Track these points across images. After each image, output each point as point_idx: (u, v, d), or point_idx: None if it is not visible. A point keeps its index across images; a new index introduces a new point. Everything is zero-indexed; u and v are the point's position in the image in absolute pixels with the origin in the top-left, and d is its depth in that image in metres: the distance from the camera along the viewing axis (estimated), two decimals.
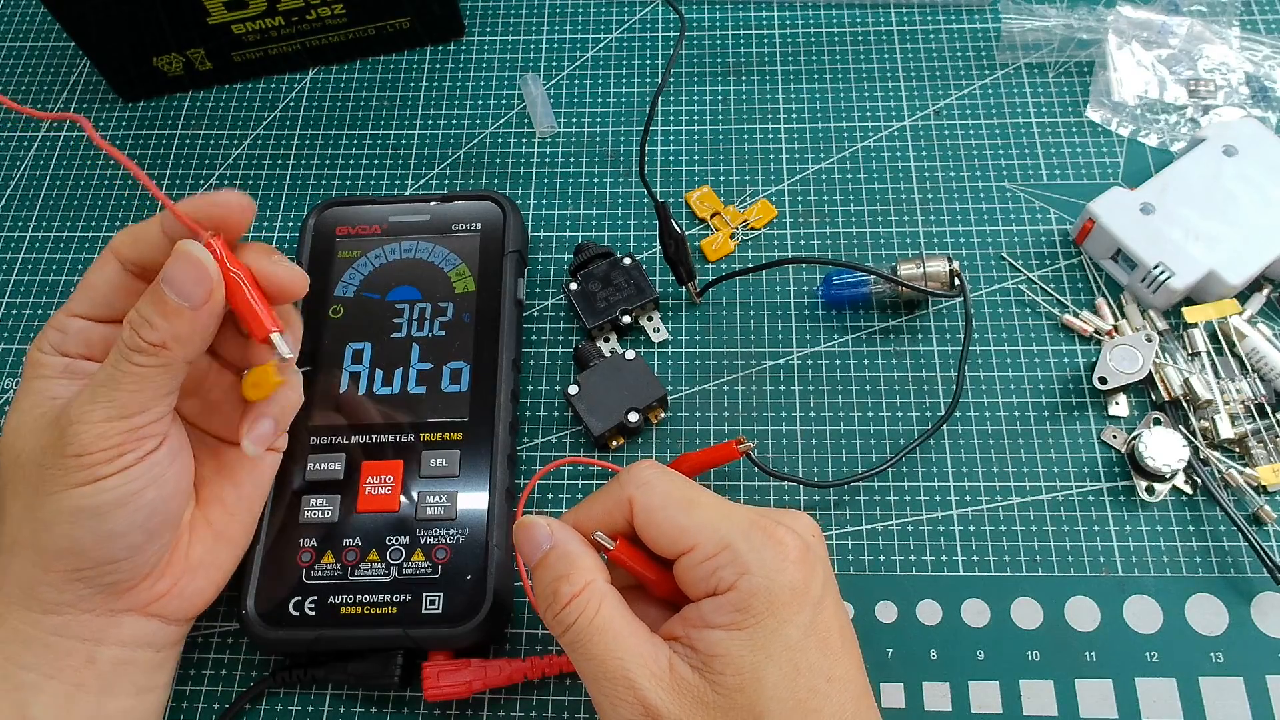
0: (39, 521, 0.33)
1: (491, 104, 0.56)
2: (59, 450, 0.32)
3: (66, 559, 0.33)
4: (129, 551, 0.34)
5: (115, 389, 0.32)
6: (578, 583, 0.30)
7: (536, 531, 0.31)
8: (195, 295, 0.32)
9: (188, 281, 0.32)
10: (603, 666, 0.29)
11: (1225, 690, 0.39)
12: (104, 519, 0.33)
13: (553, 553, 0.31)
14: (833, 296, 0.47)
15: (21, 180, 0.55)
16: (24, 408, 0.34)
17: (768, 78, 0.55)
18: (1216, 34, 0.52)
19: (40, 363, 0.35)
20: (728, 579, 0.29)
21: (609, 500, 0.32)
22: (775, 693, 0.28)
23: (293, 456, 0.42)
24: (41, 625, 0.34)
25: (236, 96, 0.57)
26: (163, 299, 0.32)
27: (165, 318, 0.32)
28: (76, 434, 0.32)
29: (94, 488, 0.32)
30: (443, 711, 0.40)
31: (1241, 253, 0.45)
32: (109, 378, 0.32)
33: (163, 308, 0.32)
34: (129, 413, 0.32)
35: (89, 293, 0.36)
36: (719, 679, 0.28)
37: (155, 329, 0.32)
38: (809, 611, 0.29)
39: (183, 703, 0.41)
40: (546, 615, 0.31)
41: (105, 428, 0.32)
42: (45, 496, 0.32)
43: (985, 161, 0.52)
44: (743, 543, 0.29)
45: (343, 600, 0.40)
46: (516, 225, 0.48)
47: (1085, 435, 0.44)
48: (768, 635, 0.29)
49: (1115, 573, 0.41)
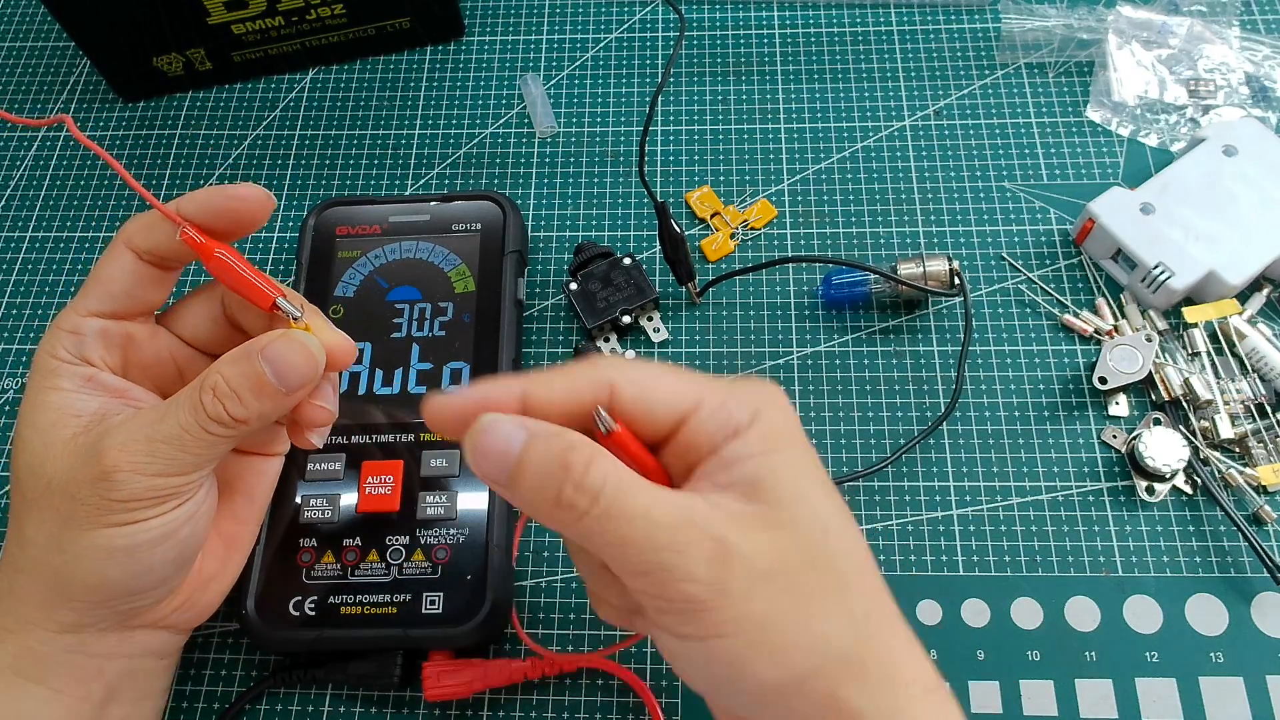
0: (66, 553, 0.32)
1: (491, 104, 0.56)
2: (101, 490, 0.30)
3: (93, 592, 0.32)
4: (157, 583, 0.33)
5: (179, 450, 0.31)
6: (584, 450, 0.25)
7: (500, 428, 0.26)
8: (298, 385, 0.31)
9: (296, 371, 0.31)
10: (653, 519, 0.25)
11: (1225, 690, 0.39)
12: (137, 558, 0.32)
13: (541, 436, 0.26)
14: (833, 296, 0.47)
15: (21, 180, 0.55)
16: (43, 425, 0.32)
17: (768, 78, 0.55)
18: (1216, 34, 0.52)
19: (54, 371, 0.33)
20: (742, 418, 0.27)
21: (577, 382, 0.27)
22: (826, 509, 0.27)
23: (293, 456, 0.42)
24: (55, 643, 0.33)
25: (236, 96, 0.57)
26: (261, 379, 0.30)
27: (258, 398, 0.31)
28: (126, 481, 0.30)
29: (133, 529, 0.31)
30: (443, 711, 0.40)
31: (1241, 253, 0.45)
32: (174, 436, 0.31)
33: (258, 388, 0.31)
34: (185, 471, 0.31)
35: (105, 287, 0.33)
36: (774, 497, 0.26)
37: (244, 406, 0.31)
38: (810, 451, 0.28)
39: (183, 703, 0.41)
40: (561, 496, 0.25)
41: (159, 482, 0.31)
42: (76, 530, 0.31)
43: (985, 161, 0.52)
44: (740, 388, 0.28)
45: (343, 600, 0.40)
46: (516, 225, 0.48)
47: (1085, 435, 0.44)
48: (798, 457, 0.28)
49: (1115, 573, 0.41)
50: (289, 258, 0.51)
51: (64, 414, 0.32)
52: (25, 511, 0.33)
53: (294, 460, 0.42)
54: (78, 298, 0.34)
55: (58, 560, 0.32)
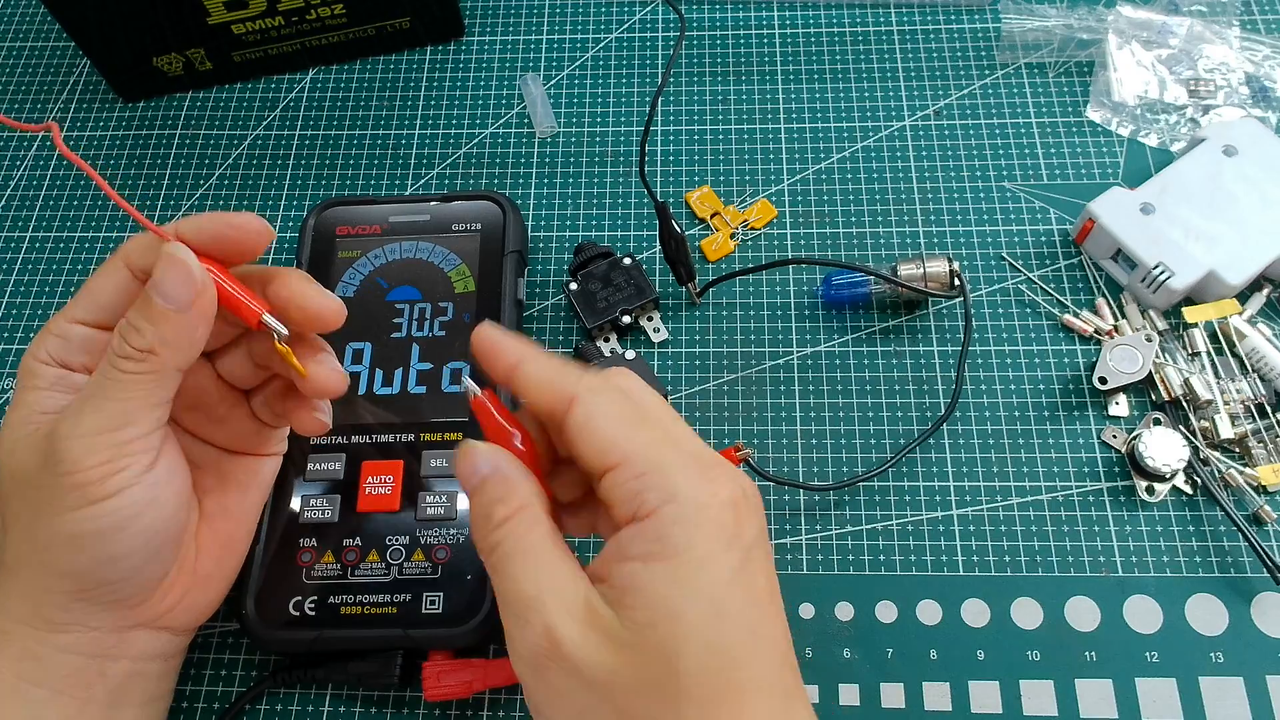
0: (38, 543, 0.32)
1: (491, 104, 0.56)
2: (51, 469, 0.31)
3: (68, 580, 0.33)
4: (130, 573, 0.34)
5: (103, 399, 0.31)
6: (512, 505, 0.29)
7: (476, 457, 0.30)
8: (181, 297, 0.31)
9: (173, 284, 0.31)
10: (518, 589, 0.28)
11: (1225, 690, 0.39)
12: (104, 543, 0.32)
13: (493, 476, 0.29)
14: (833, 297, 0.47)
15: (21, 180, 0.55)
16: (15, 422, 0.33)
17: (768, 78, 0.55)
18: (1216, 34, 0.52)
19: (34, 372, 0.34)
20: (650, 503, 0.27)
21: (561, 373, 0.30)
22: (693, 634, 0.26)
23: (292, 457, 0.42)
24: (50, 643, 0.33)
25: (236, 96, 0.57)
26: (149, 303, 0.31)
27: (152, 322, 0.31)
28: (65, 449, 0.31)
29: (91, 511, 0.31)
30: (443, 711, 0.40)
31: (1241, 253, 0.45)
32: (97, 388, 0.31)
33: (149, 312, 0.31)
34: (117, 424, 0.31)
35: (93, 297, 0.34)
36: (631, 614, 0.26)
37: (143, 334, 0.31)
38: (736, 555, 0.27)
39: (183, 703, 0.41)
40: (477, 536, 0.30)
41: (92, 441, 0.31)
42: (43, 519, 0.32)
43: (985, 161, 0.52)
44: (675, 470, 0.27)
45: (343, 600, 0.40)
46: (516, 225, 0.48)
47: (1085, 435, 0.44)
48: (690, 571, 0.26)
49: (1115, 573, 0.41)
50: (289, 258, 0.51)
51: (33, 411, 0.33)
52: (4, 509, 0.33)
53: (294, 460, 0.42)
54: (68, 305, 0.34)
55: (32, 552, 0.33)
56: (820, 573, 0.42)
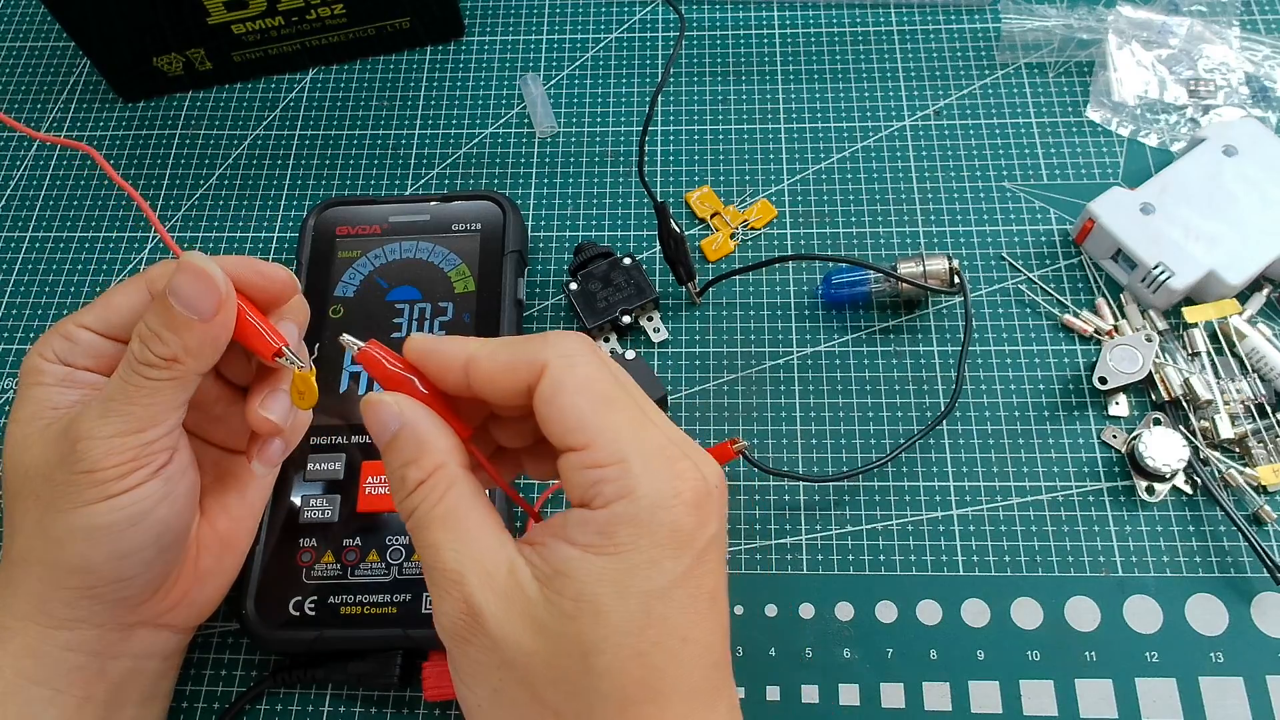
0: (50, 538, 0.32)
1: (491, 104, 0.56)
2: (69, 466, 0.31)
3: (78, 576, 0.33)
4: (141, 568, 0.34)
5: (128, 403, 0.31)
6: (426, 467, 0.27)
7: (384, 411, 0.28)
8: (204, 307, 0.31)
9: (195, 294, 0.31)
10: (437, 557, 0.27)
11: (1225, 690, 0.39)
12: (118, 537, 0.32)
13: (403, 433, 0.28)
14: (833, 296, 0.47)
15: (21, 180, 0.55)
16: (23, 417, 0.33)
17: (768, 78, 0.55)
18: (1216, 34, 0.52)
19: (39, 369, 0.34)
20: (606, 495, 0.26)
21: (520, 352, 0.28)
22: (612, 634, 0.25)
23: (293, 457, 0.42)
24: (53, 640, 0.33)
25: (236, 96, 0.57)
26: (170, 312, 0.31)
27: (175, 331, 0.31)
28: (87, 449, 0.31)
29: (107, 505, 0.32)
30: (443, 711, 0.40)
31: (1241, 253, 0.45)
32: (120, 392, 0.32)
33: (171, 321, 0.31)
34: (141, 427, 0.32)
35: (108, 311, 0.34)
36: (557, 599, 0.25)
37: (165, 343, 0.31)
38: (686, 560, 0.26)
39: (183, 703, 0.41)
40: (395, 501, 0.28)
41: (116, 443, 0.31)
42: (56, 514, 0.32)
43: (985, 161, 0.52)
44: (639, 464, 0.26)
45: (343, 600, 0.40)
46: (516, 225, 0.48)
47: (1085, 435, 0.44)
48: (627, 571, 0.25)
49: (1115, 573, 0.41)
50: (289, 258, 0.51)
51: (43, 406, 0.33)
52: (12, 504, 0.34)
53: (294, 460, 0.42)
54: (80, 311, 0.35)
55: (43, 547, 0.33)
56: (820, 573, 0.42)
